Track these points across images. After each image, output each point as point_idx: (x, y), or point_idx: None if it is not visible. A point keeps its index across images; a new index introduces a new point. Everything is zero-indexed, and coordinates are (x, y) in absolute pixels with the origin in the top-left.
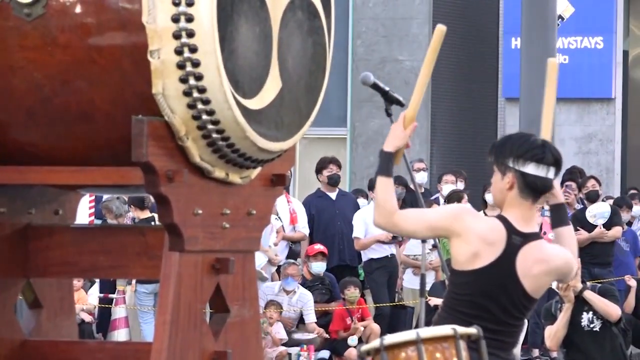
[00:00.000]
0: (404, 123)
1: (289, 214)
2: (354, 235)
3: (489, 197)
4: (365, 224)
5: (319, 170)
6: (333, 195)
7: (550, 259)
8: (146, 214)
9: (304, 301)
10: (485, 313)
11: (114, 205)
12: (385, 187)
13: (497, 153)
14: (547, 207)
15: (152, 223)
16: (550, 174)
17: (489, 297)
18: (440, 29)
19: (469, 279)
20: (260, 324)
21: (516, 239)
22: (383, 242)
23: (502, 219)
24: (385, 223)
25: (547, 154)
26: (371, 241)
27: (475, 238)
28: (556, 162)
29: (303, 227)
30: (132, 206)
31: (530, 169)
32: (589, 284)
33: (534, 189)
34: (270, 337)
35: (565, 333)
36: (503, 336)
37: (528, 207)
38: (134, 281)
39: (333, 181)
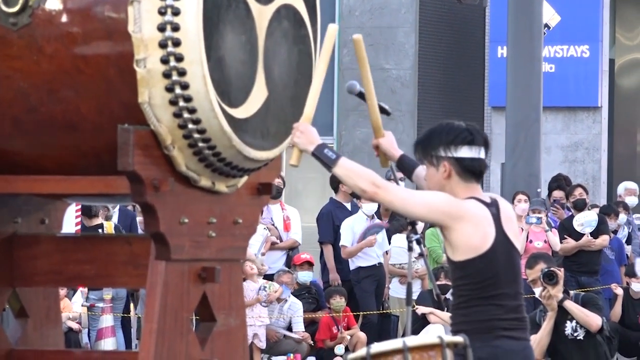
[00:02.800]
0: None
1: (282, 221)
2: (341, 243)
3: None
4: (352, 233)
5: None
6: (348, 206)
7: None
8: (95, 221)
9: (294, 310)
10: (507, 289)
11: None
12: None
13: (424, 147)
14: (532, 215)
15: (100, 230)
16: (482, 154)
17: (505, 271)
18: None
19: (485, 261)
20: (269, 289)
21: (493, 210)
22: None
23: (473, 198)
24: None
25: (476, 136)
26: (357, 249)
27: (482, 220)
28: (486, 143)
29: (295, 234)
30: (81, 215)
31: (464, 152)
32: (572, 292)
33: (473, 171)
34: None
35: (549, 342)
36: (521, 312)
37: (475, 188)
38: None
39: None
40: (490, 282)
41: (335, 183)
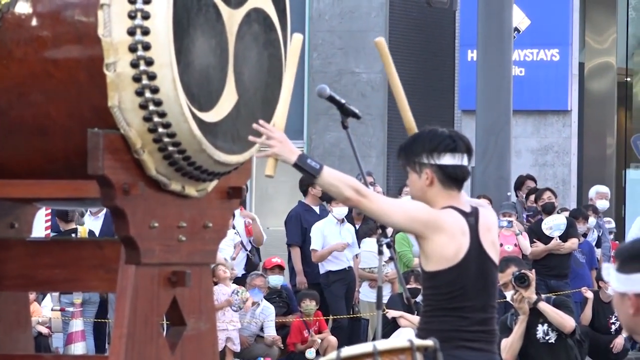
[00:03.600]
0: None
1: (244, 226)
2: (311, 247)
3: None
4: (322, 236)
5: (312, 183)
6: (317, 209)
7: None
8: (71, 225)
9: (266, 314)
10: (475, 301)
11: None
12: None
13: (407, 153)
14: (502, 219)
15: (73, 235)
16: (465, 161)
17: (476, 284)
18: (297, 37)
19: (455, 273)
20: (240, 295)
21: (471, 220)
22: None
23: (451, 207)
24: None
25: (459, 142)
26: (327, 252)
27: (457, 231)
28: (468, 149)
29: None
30: (57, 218)
31: (447, 160)
32: (543, 296)
33: (455, 178)
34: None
35: (521, 345)
36: (490, 324)
37: (456, 196)
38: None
39: (327, 197)
40: (457, 293)
41: (305, 186)
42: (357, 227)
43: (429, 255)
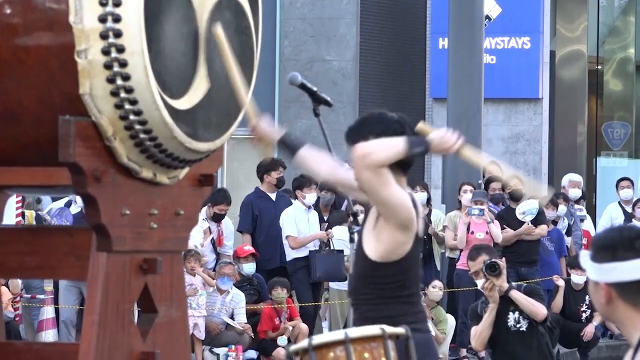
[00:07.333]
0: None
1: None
2: (287, 233)
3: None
4: (295, 223)
5: (267, 171)
6: (273, 196)
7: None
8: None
9: (236, 301)
10: (416, 288)
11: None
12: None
13: (355, 137)
14: (474, 207)
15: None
16: None
17: (416, 271)
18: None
19: (402, 266)
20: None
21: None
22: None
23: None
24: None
25: (407, 128)
26: (308, 239)
27: (414, 227)
28: (415, 134)
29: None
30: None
31: None
32: (513, 284)
33: (403, 162)
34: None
35: (491, 333)
36: (421, 304)
37: (402, 180)
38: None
39: (282, 183)
40: (402, 283)
41: (261, 173)
42: (326, 218)
43: (382, 244)
